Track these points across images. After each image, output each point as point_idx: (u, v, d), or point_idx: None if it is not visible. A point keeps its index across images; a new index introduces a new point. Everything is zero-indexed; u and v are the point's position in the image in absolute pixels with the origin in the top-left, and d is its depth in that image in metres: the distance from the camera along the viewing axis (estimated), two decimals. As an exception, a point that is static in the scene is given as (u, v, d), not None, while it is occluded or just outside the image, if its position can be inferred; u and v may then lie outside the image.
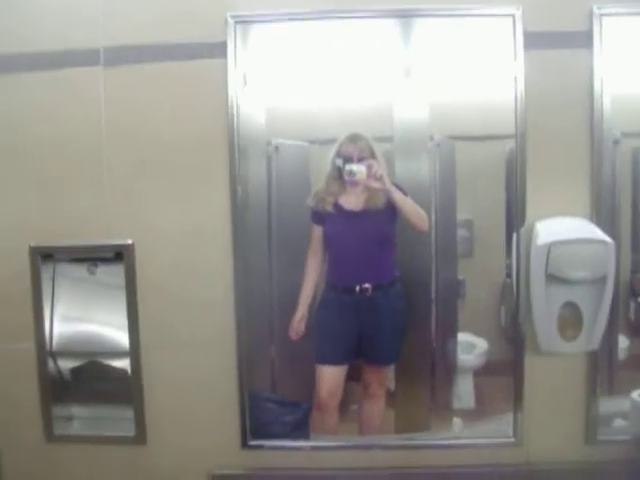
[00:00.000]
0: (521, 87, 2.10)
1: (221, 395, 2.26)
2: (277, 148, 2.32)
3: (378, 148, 2.25)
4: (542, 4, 2.09)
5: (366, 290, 2.29)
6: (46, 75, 2.18)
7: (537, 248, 2.06)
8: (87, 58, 2.16)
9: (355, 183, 2.24)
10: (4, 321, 2.28)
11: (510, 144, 2.15)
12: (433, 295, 2.40)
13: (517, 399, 2.20)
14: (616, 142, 2.21)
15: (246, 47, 2.15)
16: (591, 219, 2.14)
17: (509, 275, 2.22)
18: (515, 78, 2.10)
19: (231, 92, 2.14)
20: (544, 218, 2.13)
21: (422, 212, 2.24)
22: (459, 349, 2.42)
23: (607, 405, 2.24)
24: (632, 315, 2.40)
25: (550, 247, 2.03)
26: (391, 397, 2.42)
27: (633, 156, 2.31)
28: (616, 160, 2.23)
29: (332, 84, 2.30)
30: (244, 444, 2.27)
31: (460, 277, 2.40)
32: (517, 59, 2.10)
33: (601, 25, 2.08)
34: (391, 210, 2.24)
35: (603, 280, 2.05)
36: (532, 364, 2.20)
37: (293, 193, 2.37)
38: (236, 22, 2.12)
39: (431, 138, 2.30)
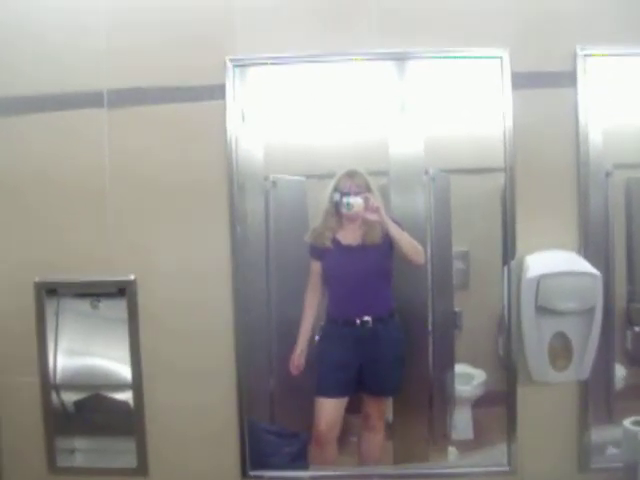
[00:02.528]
0: (509, 123, 2.16)
1: (221, 426, 2.28)
2: (275, 183, 2.36)
3: (374, 182, 2.30)
4: (528, 46, 2.16)
5: (367, 323, 2.32)
6: (50, 116, 2.25)
7: (527, 281, 2.10)
8: (91, 100, 2.22)
9: (353, 216, 2.29)
10: (9, 354, 2.32)
11: (503, 178, 2.20)
12: (430, 327, 2.41)
13: (511, 428, 2.23)
14: (608, 174, 2.25)
15: (244, 87, 2.21)
16: (579, 252, 2.18)
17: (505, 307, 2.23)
18: (503, 115, 2.16)
19: (230, 132, 2.20)
20: (534, 251, 2.17)
21: (418, 246, 2.28)
22: (457, 380, 2.44)
23: (602, 434, 2.27)
24: (629, 344, 2.42)
25: (539, 280, 2.07)
26: (389, 429, 2.43)
27: (626, 187, 2.35)
28: (608, 192, 2.27)
29: (329, 121, 2.35)
30: (244, 475, 2.29)
31: (457, 309, 2.42)
32: (505, 97, 2.16)
33: (585, 64, 2.15)
34: (388, 244, 2.29)
35: (592, 311, 2.09)
36: (525, 394, 2.23)
37: (291, 227, 2.41)
38: (234, 65, 2.19)
39: (426, 172, 2.34)
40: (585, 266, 2.09)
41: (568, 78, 2.16)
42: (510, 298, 2.18)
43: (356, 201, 2.25)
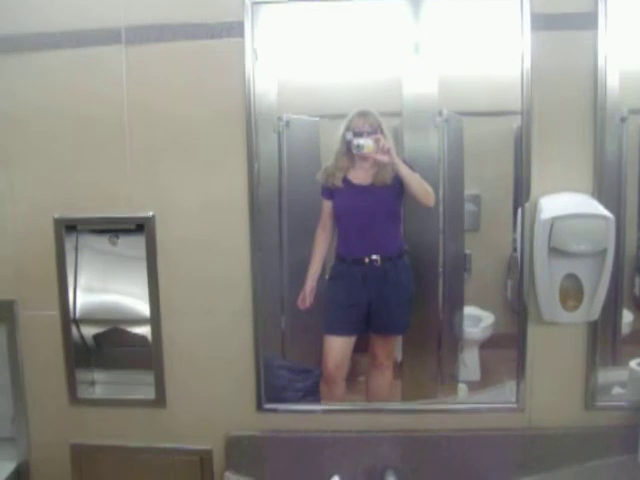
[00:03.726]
0: (527, 65, 2.14)
1: (237, 361, 2.33)
2: (288, 123, 2.35)
3: (386, 124, 2.30)
4: (549, -14, 2.12)
5: (375, 261, 2.35)
6: (69, 53, 2.23)
7: (541, 222, 2.11)
8: (109, 37, 2.21)
9: (364, 157, 2.29)
10: (31, 289, 2.36)
11: (518, 121, 2.18)
12: (440, 269, 2.43)
13: (520, 367, 2.27)
14: (623, 119, 2.24)
15: (261, 25, 2.19)
16: (593, 194, 2.18)
17: (515, 249, 2.26)
18: (522, 56, 2.14)
19: (247, 70, 2.19)
20: (548, 193, 2.18)
21: (429, 188, 2.29)
22: (466, 322, 2.47)
23: (608, 375, 2.30)
24: (637, 290, 2.44)
25: (553, 222, 2.09)
26: (398, 368, 2.48)
27: (640, 133, 2.34)
28: (623, 137, 2.26)
29: (342, 60, 2.33)
30: (259, 407, 2.35)
31: (467, 251, 2.44)
32: (524, 38, 2.14)
33: (606, 5, 2.12)
34: (399, 185, 2.30)
35: (604, 253, 2.11)
36: (535, 334, 2.26)
37: (304, 167, 2.41)
38: (252, 3, 2.17)
39: (440, 113, 2.32)
40: (598, 208, 2.10)
41: (588, 20, 2.13)
42: (523, 240, 2.20)
43: (367, 142, 2.26)
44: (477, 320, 2.48)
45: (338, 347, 2.40)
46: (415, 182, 2.28)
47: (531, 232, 2.17)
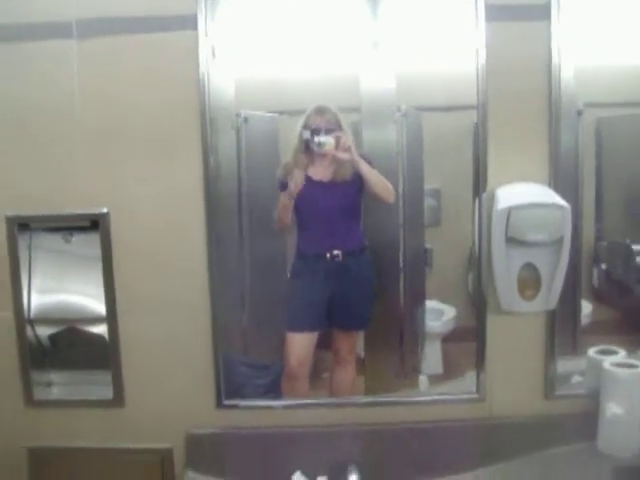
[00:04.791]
0: (482, 58, 2.14)
1: (196, 357, 2.30)
2: (246, 119, 2.35)
3: (345, 120, 2.30)
4: (503, -24, 2.13)
5: (337, 256, 2.36)
6: (19, 46, 2.19)
7: (497, 212, 2.12)
8: (60, 30, 2.17)
9: (324, 154, 2.30)
10: (-18, 290, 2.30)
11: (475, 115, 2.19)
12: (401, 264, 2.46)
13: (480, 358, 2.28)
14: (579, 112, 2.28)
15: (215, 20, 2.17)
16: (549, 185, 2.20)
17: (475, 241, 2.27)
18: (477, 50, 2.15)
19: (202, 64, 2.16)
20: (505, 184, 2.19)
21: (388, 184, 2.31)
22: (427, 316, 2.48)
23: (567, 364, 2.33)
24: (595, 282, 2.50)
25: (510, 211, 2.10)
26: (361, 364, 2.49)
27: (596, 126, 2.39)
28: (579, 129, 2.30)
29: (300, 56, 2.35)
30: (219, 404, 2.32)
31: (428, 246, 2.46)
32: (478, 31, 2.14)
33: (559, -2, 2.13)
34: (358, 181, 2.31)
35: (560, 242, 2.12)
36: (494, 325, 2.27)
37: (262, 163, 2.42)
38: (206, -5, 2.14)
39: (398, 109, 2.35)
40: (555, 198, 2.11)
41: (542, 11, 2.14)
42: (481, 230, 2.21)
43: (327, 140, 2.27)
44: (439, 314, 2.50)
45: (300, 343, 2.40)
46: (375, 179, 2.30)
47: (488, 222, 2.18)
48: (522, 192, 2.16)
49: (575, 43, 2.17)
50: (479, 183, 2.22)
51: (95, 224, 2.26)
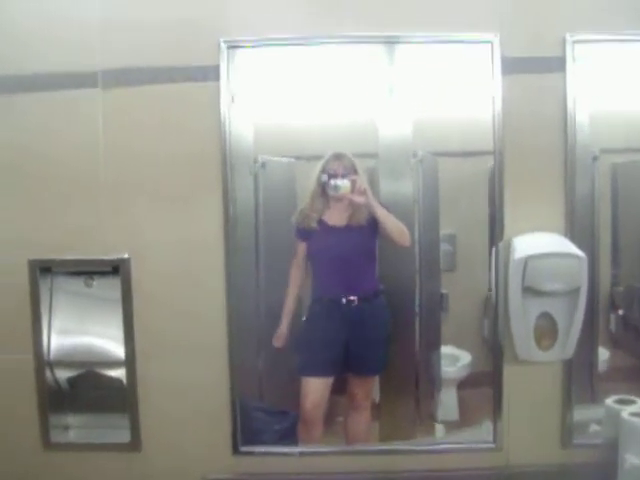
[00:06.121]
0: (498, 107, 2.18)
1: (213, 403, 2.31)
2: (264, 164, 2.38)
3: (361, 165, 2.33)
4: (518, 31, 2.18)
5: (352, 302, 2.36)
6: (46, 96, 2.24)
7: (514, 262, 2.14)
8: (85, 80, 2.22)
9: (339, 198, 2.32)
10: (4, 332, 2.32)
11: (491, 161, 2.21)
12: (417, 309, 2.45)
13: (497, 406, 2.27)
14: (595, 158, 2.29)
15: (236, 69, 2.21)
16: (566, 234, 2.21)
17: (491, 289, 2.26)
18: (493, 99, 2.18)
19: (223, 112, 2.20)
20: (522, 233, 2.21)
21: (403, 227, 2.31)
22: (443, 362, 2.47)
23: (585, 413, 2.31)
24: (613, 327, 2.48)
25: (527, 261, 2.11)
26: (376, 409, 2.47)
27: (612, 171, 2.40)
28: (595, 176, 2.30)
29: (318, 103, 2.38)
30: (235, 450, 2.32)
31: (443, 291, 2.46)
32: (495, 81, 2.18)
33: (574, 51, 2.17)
34: (373, 225, 2.32)
35: (577, 292, 2.13)
36: (511, 373, 2.27)
37: (280, 208, 2.43)
38: (228, 47, 2.19)
39: (414, 155, 2.37)
40: (571, 248, 2.12)
41: (557, 63, 2.18)
42: (498, 279, 2.21)
43: (344, 183, 2.29)
44: (454, 359, 2.49)
45: (315, 388, 2.39)
46: (390, 222, 2.31)
47: (505, 271, 2.19)
48: (538, 241, 2.17)
49: (590, 91, 2.20)
50: (494, 230, 2.23)
51: (116, 269, 2.28)
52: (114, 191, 2.26)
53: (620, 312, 2.48)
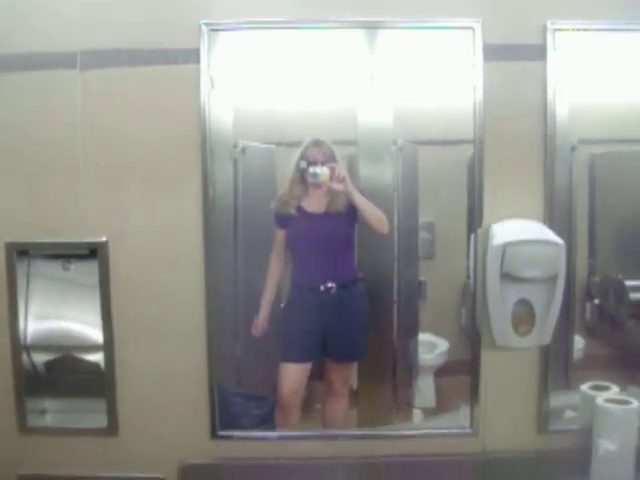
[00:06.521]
0: (479, 95, 2.18)
1: (191, 388, 2.30)
2: (244, 150, 2.37)
3: (340, 153, 2.33)
4: (500, 19, 2.18)
5: (330, 289, 2.37)
6: (24, 76, 2.21)
7: (493, 248, 2.15)
8: (64, 61, 2.20)
9: (318, 185, 2.32)
10: (-21, 315, 2.29)
11: (471, 150, 2.22)
12: (395, 296, 2.46)
13: (474, 392, 2.29)
14: (573, 148, 2.30)
15: (216, 52, 2.20)
16: (544, 222, 2.23)
17: (469, 276, 2.28)
18: (474, 87, 2.19)
19: (203, 96, 2.19)
20: (500, 220, 2.22)
21: (382, 215, 2.32)
22: (420, 349, 2.48)
23: (560, 399, 2.34)
24: (588, 316, 2.50)
25: (505, 247, 2.12)
26: (354, 395, 2.48)
27: (589, 162, 2.40)
28: (573, 165, 2.31)
29: (298, 89, 2.37)
30: (213, 435, 2.31)
31: (422, 278, 2.47)
32: (476, 69, 2.19)
33: (554, 39, 2.18)
34: (352, 213, 2.33)
35: (555, 279, 2.15)
36: (488, 359, 2.28)
37: (259, 194, 2.42)
38: (209, 30, 2.17)
39: (394, 142, 2.37)
40: (550, 235, 2.14)
41: (538, 51, 2.19)
42: (476, 265, 2.22)
43: (322, 170, 2.29)
44: (432, 346, 2.50)
45: (293, 374, 2.40)
46: (369, 209, 2.31)
47: (484, 258, 2.20)
48: (517, 228, 2.18)
49: (570, 81, 2.21)
50: (473, 217, 2.24)
51: (94, 253, 2.27)
52: (92, 173, 2.24)
53: (596, 301, 2.50)
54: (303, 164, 2.32)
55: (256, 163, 2.42)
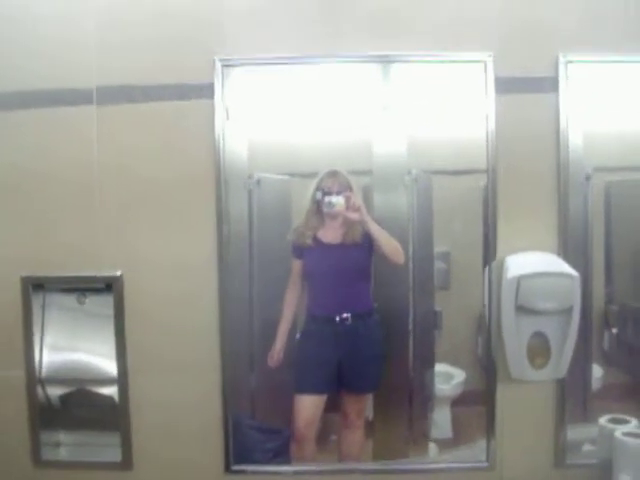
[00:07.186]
0: (492, 126, 2.19)
1: (205, 421, 2.30)
2: (259, 181, 2.38)
3: (356, 182, 2.34)
4: (512, 52, 2.19)
5: (346, 320, 2.36)
6: (40, 112, 2.25)
7: (507, 281, 2.14)
8: (80, 97, 2.23)
9: (334, 215, 2.33)
10: (-4, 348, 2.31)
11: (484, 179, 2.22)
12: (411, 326, 2.45)
13: (490, 425, 2.27)
14: (588, 177, 2.30)
15: (230, 86, 2.22)
16: (559, 253, 2.21)
17: (485, 305, 2.26)
18: (486, 118, 2.20)
19: (217, 131, 2.21)
20: (515, 252, 2.21)
21: (398, 245, 2.32)
22: (436, 379, 2.47)
23: (579, 432, 2.31)
24: (606, 346, 2.47)
25: (519, 280, 2.11)
26: (370, 427, 2.46)
27: (606, 190, 2.39)
28: (588, 195, 2.31)
29: (313, 120, 2.39)
30: (227, 469, 2.30)
31: (437, 308, 2.45)
32: (488, 100, 2.20)
33: (567, 71, 2.19)
34: (368, 243, 2.33)
35: (570, 311, 2.13)
36: (504, 392, 2.26)
37: (274, 225, 2.44)
38: (223, 65, 2.20)
39: (409, 172, 2.37)
40: (564, 267, 2.13)
41: (550, 83, 2.20)
42: (491, 298, 2.21)
43: (338, 200, 2.29)
44: (448, 377, 2.48)
45: (309, 406, 2.38)
46: (384, 239, 2.31)
47: (498, 290, 2.19)
48: (531, 261, 2.17)
49: (584, 110, 2.22)
50: (488, 247, 2.24)
51: (109, 286, 2.28)
52: (108, 209, 2.26)
53: (614, 330, 2.47)
54: (319, 195, 2.33)
55: (271, 194, 2.43)
